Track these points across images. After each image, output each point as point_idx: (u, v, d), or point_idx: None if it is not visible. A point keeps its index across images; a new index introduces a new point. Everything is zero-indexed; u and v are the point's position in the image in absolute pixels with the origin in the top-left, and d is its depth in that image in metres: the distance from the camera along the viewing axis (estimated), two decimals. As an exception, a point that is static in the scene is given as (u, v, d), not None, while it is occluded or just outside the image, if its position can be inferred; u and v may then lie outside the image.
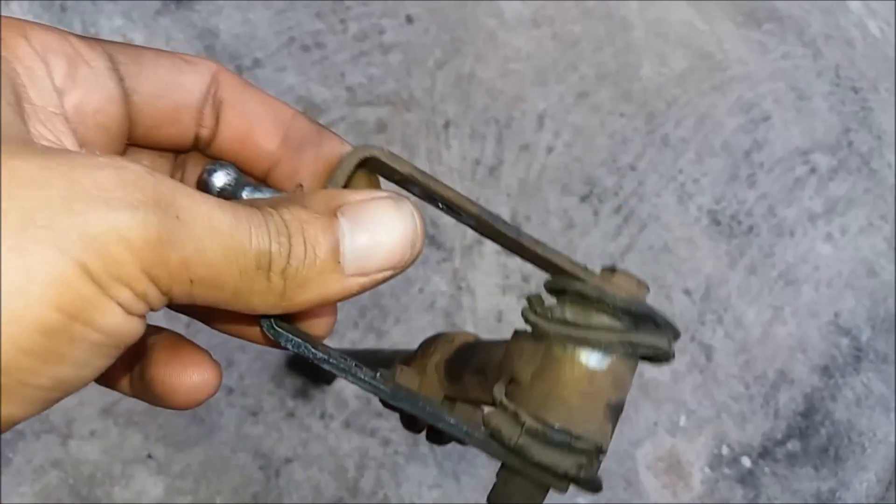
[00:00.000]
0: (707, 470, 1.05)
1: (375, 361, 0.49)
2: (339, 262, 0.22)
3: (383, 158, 0.25)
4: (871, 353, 1.23)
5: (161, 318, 0.25)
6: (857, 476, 1.14)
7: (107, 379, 0.27)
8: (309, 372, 0.86)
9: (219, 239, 0.20)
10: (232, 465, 0.80)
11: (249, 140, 0.27)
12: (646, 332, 0.27)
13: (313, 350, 0.25)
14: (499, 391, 0.29)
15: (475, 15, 1.15)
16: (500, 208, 1.07)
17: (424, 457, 0.89)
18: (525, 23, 1.18)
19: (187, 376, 0.25)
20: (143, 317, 0.20)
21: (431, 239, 0.99)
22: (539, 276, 1.05)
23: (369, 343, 0.91)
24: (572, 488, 0.28)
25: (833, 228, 1.28)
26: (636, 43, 1.24)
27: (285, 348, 0.25)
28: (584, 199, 1.12)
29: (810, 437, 1.14)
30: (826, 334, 1.21)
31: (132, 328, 0.20)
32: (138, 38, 0.94)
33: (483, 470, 0.91)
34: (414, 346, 0.42)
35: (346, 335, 0.89)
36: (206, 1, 0.98)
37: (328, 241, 0.22)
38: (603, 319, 0.27)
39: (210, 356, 0.26)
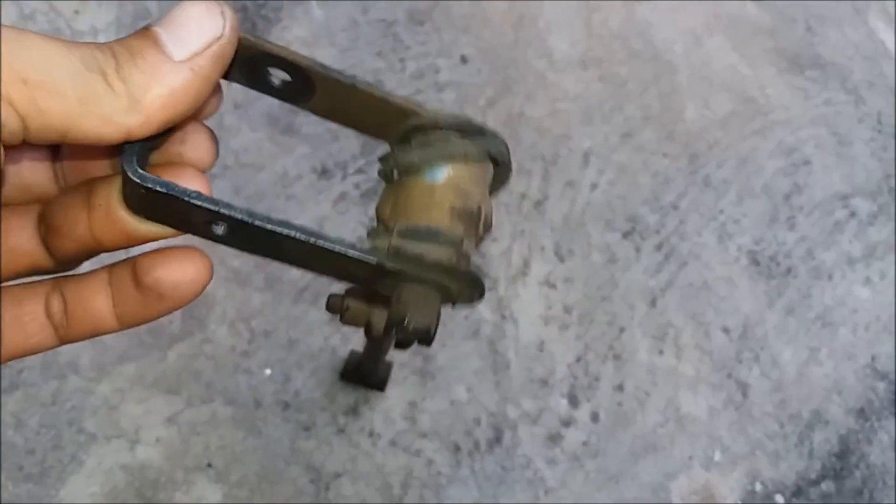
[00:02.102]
0: (740, 506, 1.06)
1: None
2: (164, 53, 0.24)
3: None
4: (908, 398, 1.24)
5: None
6: (892, 520, 1.15)
7: (89, 324, 0.28)
8: (363, 381, 0.90)
9: (34, 45, 0.21)
10: (285, 477, 0.85)
11: None
12: (481, 139, 0.31)
13: (178, 187, 0.25)
14: (372, 232, 0.31)
15: (525, 56, 1.20)
16: (545, 240, 1.11)
17: (465, 479, 0.92)
18: (573, 64, 1.23)
19: (187, 265, 0.26)
20: None
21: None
22: (581, 305, 1.07)
23: (416, 364, 0.95)
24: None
25: (872, 273, 1.30)
26: (681, 86, 1.29)
27: (152, 190, 0.24)
28: (626, 235, 1.16)
29: (845, 478, 1.15)
30: (862, 377, 1.22)
31: None
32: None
33: (521, 494, 0.95)
34: (458, 372, 0.46)
35: (395, 356, 0.93)
36: (276, 39, 1.05)
37: (147, 41, 0.24)
38: (450, 137, 0.30)
39: (194, 248, 0.27)
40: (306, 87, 0.30)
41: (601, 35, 1.28)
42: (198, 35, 0.24)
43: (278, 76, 0.29)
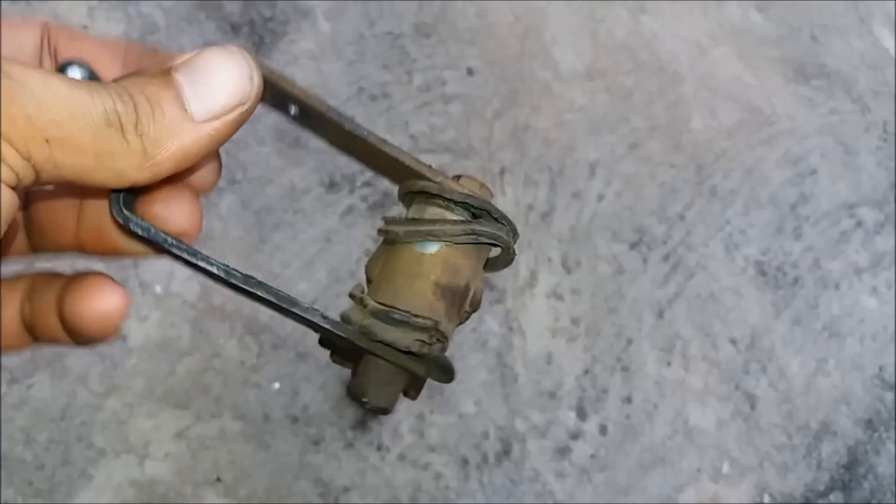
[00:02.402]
0: (749, 518, 1.06)
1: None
2: (186, 111, 0.23)
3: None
4: (916, 408, 1.23)
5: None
6: (901, 532, 1.15)
7: (47, 335, 0.27)
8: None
9: (59, 97, 0.21)
10: (294, 491, 0.84)
11: (93, 71, 0.27)
12: (482, 223, 0.29)
13: (162, 235, 0.25)
14: (356, 289, 0.30)
15: (531, 68, 1.20)
16: (552, 252, 1.11)
17: (474, 492, 0.92)
18: (579, 76, 1.23)
19: (100, 301, 0.25)
20: (11, 187, 0.20)
21: (486, 280, 1.03)
22: (589, 317, 1.07)
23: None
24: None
25: (879, 282, 1.30)
26: (687, 96, 1.29)
27: (136, 235, 0.24)
28: (633, 246, 1.16)
29: (853, 490, 1.15)
30: (870, 388, 1.22)
31: (3, 196, 0.20)
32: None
33: (530, 508, 0.95)
34: (466, 385, 0.45)
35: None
36: (283, 52, 1.05)
37: (170, 94, 0.23)
38: (443, 213, 0.29)
39: (112, 279, 0.26)
40: (322, 127, 0.30)
41: (607, 46, 1.28)
42: (222, 97, 0.23)
43: (295, 109, 0.30)
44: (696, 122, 1.27)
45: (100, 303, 0.26)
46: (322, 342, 0.45)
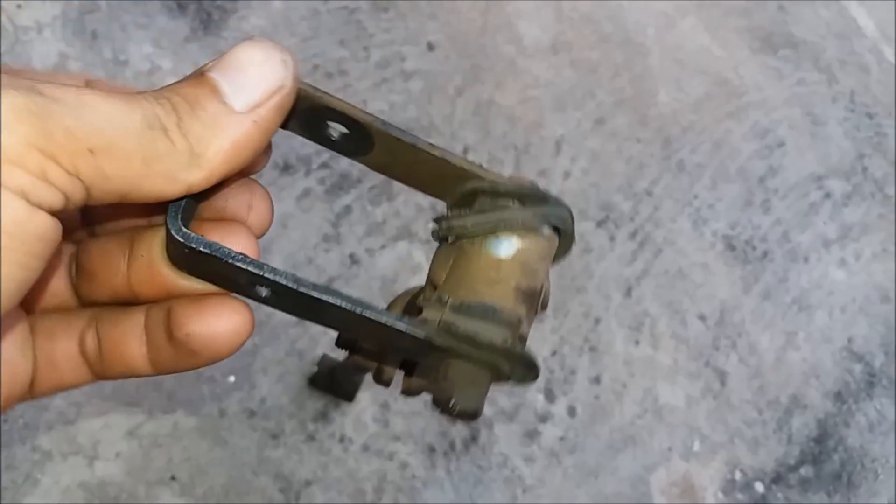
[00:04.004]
0: (720, 495, 1.05)
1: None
2: (227, 104, 0.22)
3: None
4: (885, 378, 1.23)
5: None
6: (870, 502, 1.15)
7: (123, 367, 0.26)
8: (330, 389, 0.87)
9: (95, 108, 0.20)
10: (254, 487, 0.82)
11: None
12: (542, 208, 0.29)
13: (226, 248, 0.24)
14: (423, 296, 0.30)
15: (495, 42, 1.17)
16: (517, 233, 1.08)
17: (441, 481, 0.90)
18: (544, 50, 1.20)
19: (224, 320, 0.25)
20: (54, 212, 0.19)
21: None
22: (556, 297, 1.05)
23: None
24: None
25: (847, 254, 1.29)
26: (653, 69, 1.26)
27: (195, 250, 0.23)
28: (600, 224, 1.13)
29: (823, 462, 1.14)
30: (839, 360, 1.21)
31: (43, 225, 0.19)
32: (167, 65, 0.96)
33: (499, 494, 0.93)
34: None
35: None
36: (233, 30, 1.00)
37: (207, 90, 0.22)
38: (514, 204, 0.29)
39: (234, 297, 0.25)
40: (364, 143, 0.28)
41: (571, 19, 1.24)
42: (260, 84, 0.23)
43: (337, 129, 0.28)
44: (662, 96, 1.25)
45: (227, 322, 0.25)
46: (340, 343, 0.43)
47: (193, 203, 0.25)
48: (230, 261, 0.24)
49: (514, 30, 1.20)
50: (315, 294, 0.25)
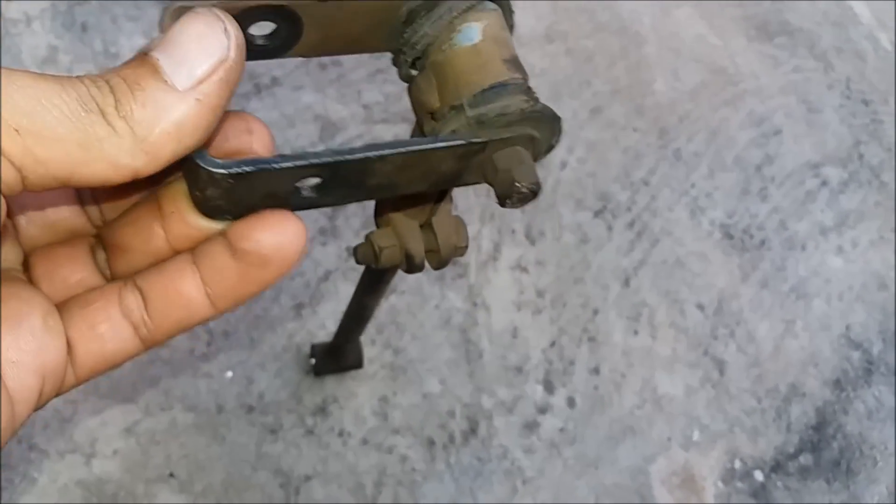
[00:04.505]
0: (720, 484, 1.05)
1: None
2: (167, 83, 0.21)
3: (193, 4, 0.24)
4: (883, 366, 1.23)
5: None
6: (869, 489, 1.15)
7: (178, 312, 0.26)
8: (337, 367, 0.86)
9: (24, 87, 0.19)
10: (253, 483, 0.81)
11: None
12: None
13: (264, 160, 0.23)
14: (427, 127, 0.31)
15: (489, 31, 1.16)
16: (515, 223, 1.08)
17: (441, 474, 0.90)
18: (539, 38, 1.19)
19: (284, 226, 0.25)
20: None
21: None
22: (554, 288, 1.04)
23: (386, 359, 0.92)
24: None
25: (844, 241, 1.29)
26: (649, 58, 1.25)
27: (237, 174, 0.23)
28: (597, 213, 1.13)
29: (822, 450, 1.14)
30: (837, 348, 1.21)
31: None
32: (158, 58, 0.95)
33: (499, 486, 0.92)
34: (430, 363, 0.44)
35: (364, 353, 0.90)
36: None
37: (146, 70, 0.21)
38: (448, 7, 0.29)
39: (285, 211, 0.26)
40: (293, 29, 0.27)
41: (567, 7, 1.23)
42: (201, 58, 0.22)
43: (261, 30, 0.27)
44: (658, 84, 1.24)
45: (288, 227, 0.25)
46: (360, 258, 0.44)
47: (203, 149, 0.24)
48: (276, 167, 0.23)
49: (509, 19, 1.19)
50: (361, 156, 0.25)
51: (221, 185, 0.23)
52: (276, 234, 0.25)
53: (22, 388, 0.23)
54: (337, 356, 0.85)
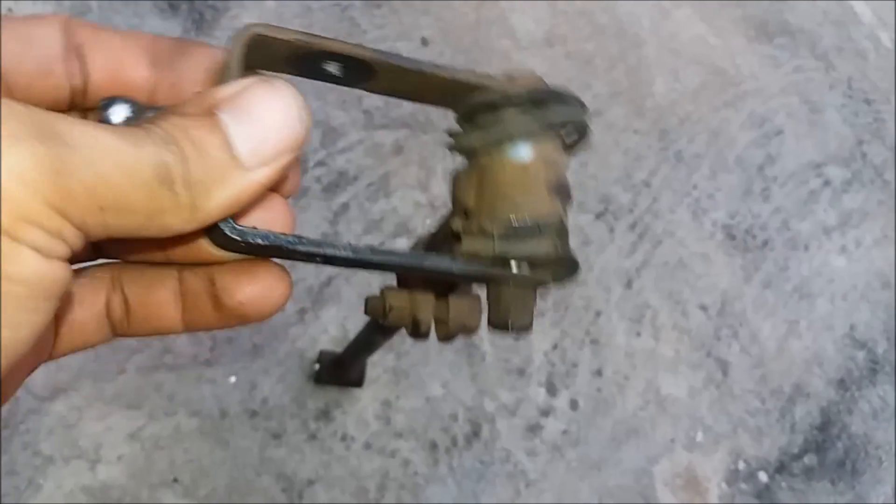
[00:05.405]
0: (724, 485, 1.05)
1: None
2: (234, 157, 0.21)
3: (269, 33, 0.24)
4: (887, 365, 1.23)
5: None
6: (874, 490, 1.15)
7: (153, 328, 0.26)
8: (337, 380, 0.87)
9: (113, 158, 0.19)
10: (256, 487, 0.82)
11: (120, 73, 0.26)
12: (554, 109, 0.29)
13: (282, 236, 0.23)
14: (455, 224, 0.30)
15: (489, 36, 1.16)
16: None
17: (444, 477, 0.90)
18: (538, 42, 1.19)
19: (271, 284, 0.24)
20: (64, 260, 0.19)
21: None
22: (556, 291, 1.04)
23: (389, 362, 0.92)
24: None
25: (847, 241, 1.29)
26: (649, 59, 1.25)
27: (253, 245, 0.23)
28: (599, 216, 1.13)
29: (827, 450, 1.14)
30: (842, 347, 1.21)
31: (56, 274, 0.19)
32: (160, 66, 0.96)
33: (502, 489, 0.92)
34: (433, 367, 0.44)
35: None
36: (225, 29, 1.00)
37: (216, 138, 0.21)
38: (514, 115, 0.29)
39: (275, 262, 0.25)
40: (365, 73, 0.27)
41: (565, 11, 1.24)
42: (272, 140, 0.22)
43: (334, 66, 0.27)
44: (658, 86, 1.24)
45: (275, 286, 0.25)
46: (370, 310, 0.44)
47: None
48: (290, 247, 0.23)
49: (508, 23, 1.19)
50: (375, 259, 0.25)
51: (233, 244, 0.23)
52: (260, 295, 0.24)
53: (10, 381, 0.24)
54: (340, 370, 0.85)
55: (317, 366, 0.87)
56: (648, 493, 1.00)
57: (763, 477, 1.08)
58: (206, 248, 0.24)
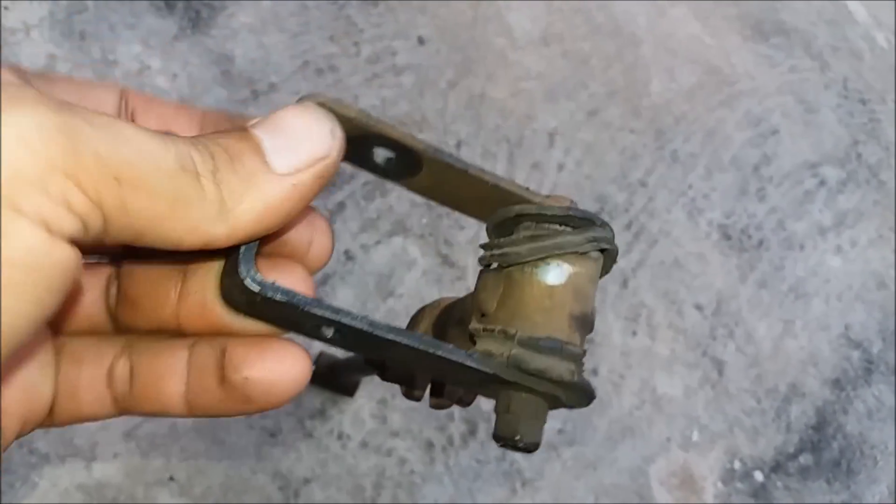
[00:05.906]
0: (720, 485, 1.05)
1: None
2: (267, 163, 0.21)
3: (332, 105, 0.24)
4: (882, 365, 1.23)
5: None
6: (870, 489, 1.15)
7: (154, 405, 0.25)
8: (330, 385, 0.87)
9: (129, 138, 0.19)
10: (252, 486, 0.81)
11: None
12: (597, 230, 0.29)
13: (300, 296, 0.23)
14: (473, 325, 0.30)
15: (485, 35, 1.16)
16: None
17: (440, 476, 0.90)
18: (534, 41, 1.20)
19: (286, 365, 0.23)
20: (73, 242, 0.18)
21: (444, 258, 1.00)
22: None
23: (385, 363, 0.92)
24: None
25: (843, 241, 1.29)
26: (645, 59, 1.26)
27: (269, 301, 0.22)
28: (594, 215, 1.13)
29: (822, 450, 1.15)
30: (837, 347, 1.21)
31: (61, 256, 0.17)
32: (156, 64, 0.96)
33: (499, 488, 0.93)
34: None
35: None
36: (221, 28, 1.00)
37: (249, 146, 0.21)
38: (561, 231, 0.29)
39: (292, 340, 0.24)
40: (411, 167, 0.28)
41: (562, 10, 1.24)
42: (305, 149, 0.22)
43: (382, 154, 0.27)
44: (654, 85, 1.25)
45: (289, 367, 0.23)
46: (369, 362, 0.43)
47: (257, 244, 0.24)
48: (306, 308, 0.23)
49: (505, 22, 1.19)
50: (390, 337, 0.24)
51: (249, 297, 0.23)
52: (273, 373, 0.23)
53: (4, 431, 0.23)
54: (335, 376, 0.85)
55: (312, 366, 0.87)
56: (644, 492, 1.00)
57: (759, 476, 1.08)
58: (221, 314, 0.24)
